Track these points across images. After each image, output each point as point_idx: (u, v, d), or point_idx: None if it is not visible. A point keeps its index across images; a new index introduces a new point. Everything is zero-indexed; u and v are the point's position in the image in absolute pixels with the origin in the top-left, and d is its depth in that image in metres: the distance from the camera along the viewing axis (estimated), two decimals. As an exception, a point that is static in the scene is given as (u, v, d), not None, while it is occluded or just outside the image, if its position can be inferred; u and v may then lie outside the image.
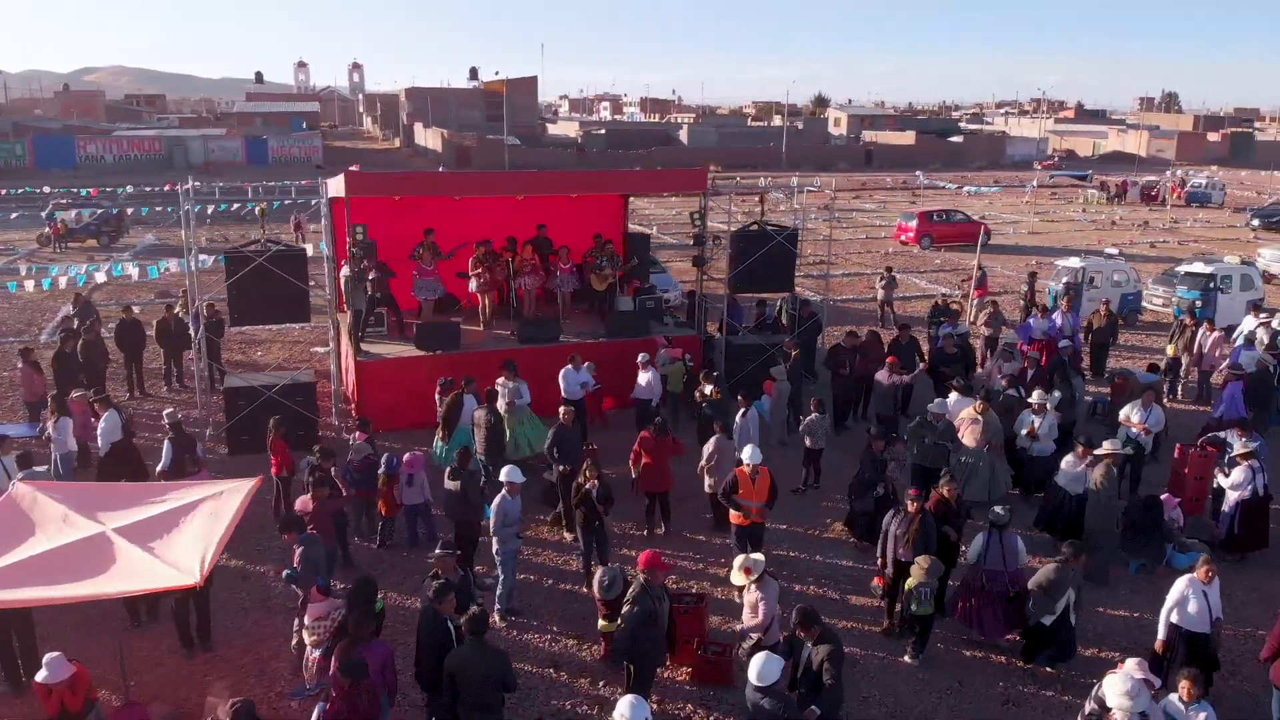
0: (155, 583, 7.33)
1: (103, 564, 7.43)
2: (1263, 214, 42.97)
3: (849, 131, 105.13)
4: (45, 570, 7.31)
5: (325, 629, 8.07)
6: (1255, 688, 9.06)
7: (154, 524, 8.02)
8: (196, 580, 7.18)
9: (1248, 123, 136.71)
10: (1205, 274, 23.09)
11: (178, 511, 8.25)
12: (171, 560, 7.43)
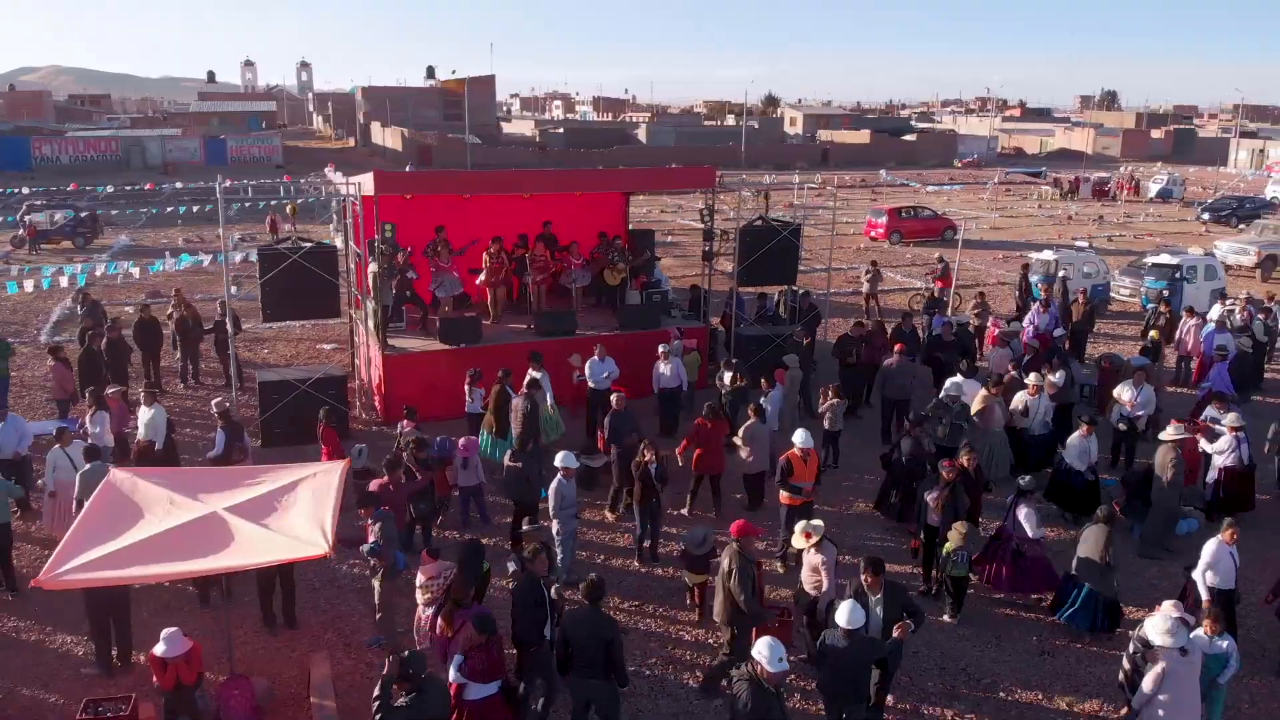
0: (287, 554, 7.83)
1: (224, 540, 7.89)
2: (1212, 208, 44.81)
3: (805, 131, 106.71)
4: (169, 548, 7.74)
5: (438, 587, 8.63)
6: (1261, 636, 9.98)
7: (260, 504, 8.48)
8: (327, 550, 7.69)
9: (1187, 120, 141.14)
10: (1172, 265, 24.37)
11: (278, 492, 8.72)
12: (293, 534, 7.94)
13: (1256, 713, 8.88)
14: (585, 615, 7.62)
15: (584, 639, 7.54)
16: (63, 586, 7.62)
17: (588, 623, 7.57)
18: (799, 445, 11.03)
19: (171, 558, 7.65)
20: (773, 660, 6.55)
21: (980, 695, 9.16)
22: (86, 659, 9.49)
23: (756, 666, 6.59)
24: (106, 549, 7.66)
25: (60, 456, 11.27)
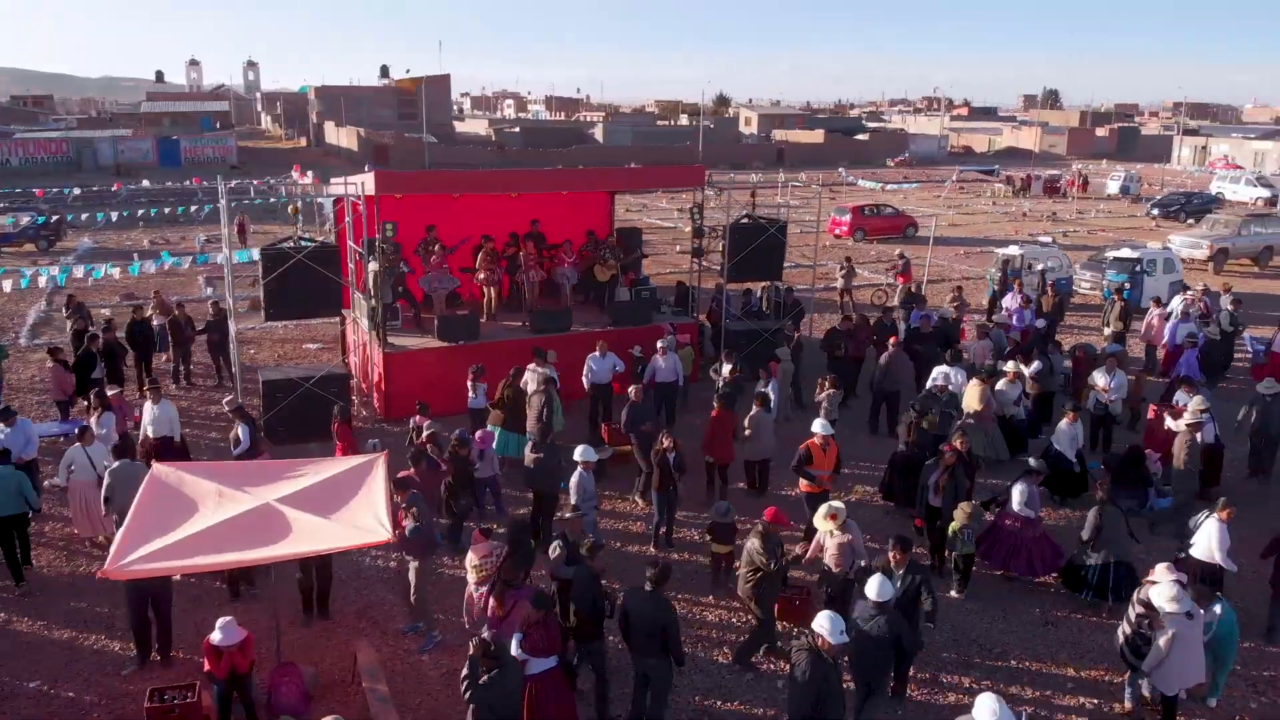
0: (351, 540, 8.13)
1: (283, 530, 8.14)
2: (1161, 204, 46.34)
3: (759, 131, 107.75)
4: (229, 538, 7.98)
5: (491, 565, 8.96)
6: (1249, 603, 10.64)
7: (309, 495, 8.73)
8: (390, 536, 7.99)
9: (1128, 118, 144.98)
10: (1133, 259, 25.35)
11: (325, 484, 8.98)
12: (352, 522, 8.22)
13: (1247, 673, 9.52)
14: (647, 598, 8.01)
15: (644, 620, 7.95)
16: (129, 576, 7.83)
17: (649, 605, 7.96)
18: (819, 434, 11.49)
19: (233, 547, 7.88)
20: (834, 632, 6.99)
21: (993, 664, 9.70)
22: (123, 655, 9.63)
23: (817, 638, 7.02)
24: (167, 540, 7.87)
25: (79, 455, 11.36)
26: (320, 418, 15.40)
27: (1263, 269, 32.07)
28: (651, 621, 7.89)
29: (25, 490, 10.81)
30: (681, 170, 23.08)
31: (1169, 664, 8.20)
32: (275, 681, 8.64)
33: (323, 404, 15.36)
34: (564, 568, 8.71)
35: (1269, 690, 9.25)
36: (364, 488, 8.92)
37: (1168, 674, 8.27)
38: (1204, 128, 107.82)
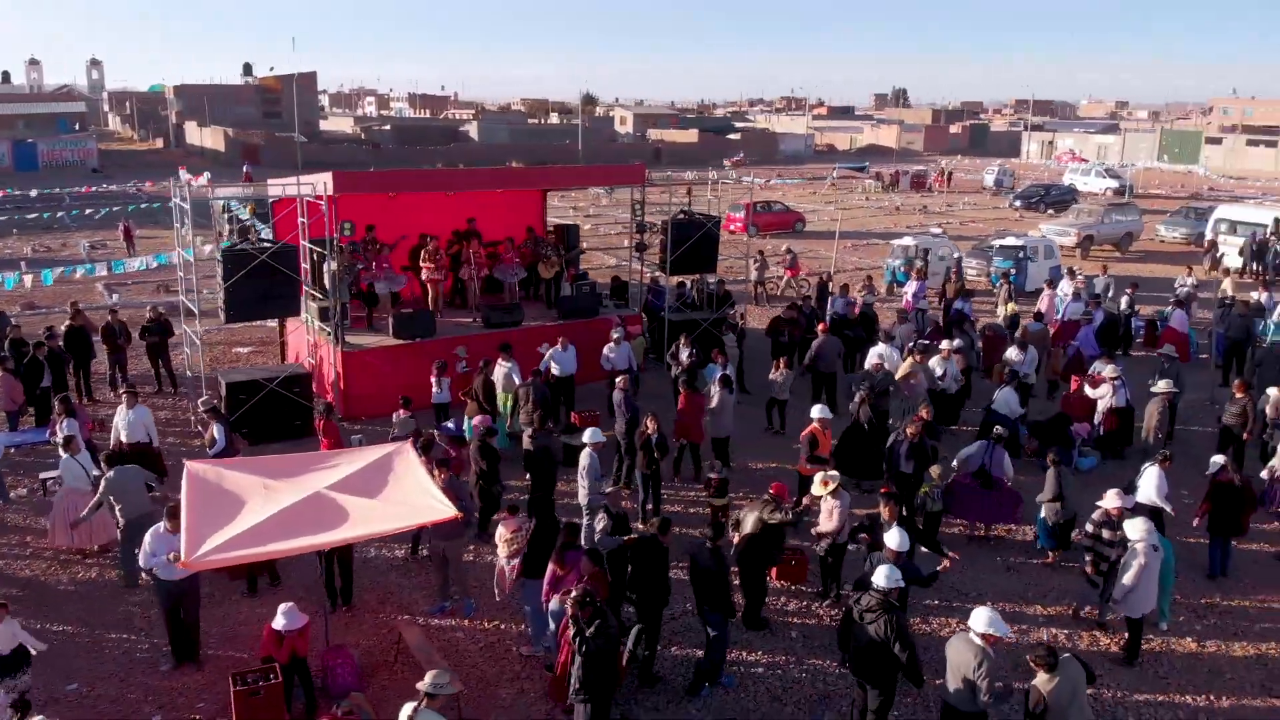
0: (417, 519, 8.55)
1: (341, 515, 8.48)
2: (1023, 196, 49.72)
3: (635, 130, 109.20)
4: (294, 525, 8.27)
5: (521, 538, 9.52)
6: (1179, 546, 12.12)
7: (355, 483, 9.06)
8: (456, 513, 8.46)
9: (975, 115, 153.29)
10: (1017, 246, 27.52)
11: (363, 472, 9.30)
12: (410, 503, 8.64)
13: (1186, 603, 10.92)
14: (709, 554, 8.84)
15: (710, 584, 8.76)
16: (208, 566, 8.06)
17: (711, 560, 8.82)
18: (819, 418, 12.38)
19: (300, 533, 8.19)
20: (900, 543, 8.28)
21: (971, 606, 10.74)
22: (150, 654, 9.72)
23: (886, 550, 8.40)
24: (233, 530, 8.12)
25: (72, 465, 11.26)
26: (283, 419, 15.54)
27: (1124, 253, 35.05)
28: (718, 581, 8.69)
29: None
30: (623, 169, 23.81)
31: (1137, 592, 9.47)
32: (329, 663, 8.97)
33: (286, 405, 15.48)
34: (608, 539, 9.35)
35: (1209, 615, 10.68)
36: (404, 472, 9.33)
37: (1135, 600, 9.54)
38: (1047, 123, 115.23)
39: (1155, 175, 72.58)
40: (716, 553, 8.84)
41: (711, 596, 8.82)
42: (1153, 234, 38.10)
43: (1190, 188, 63.47)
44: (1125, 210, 37.42)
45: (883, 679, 7.90)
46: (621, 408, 13.50)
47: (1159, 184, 65.93)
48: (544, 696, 9.00)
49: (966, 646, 7.45)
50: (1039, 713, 7.24)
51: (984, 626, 7.39)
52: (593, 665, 7.61)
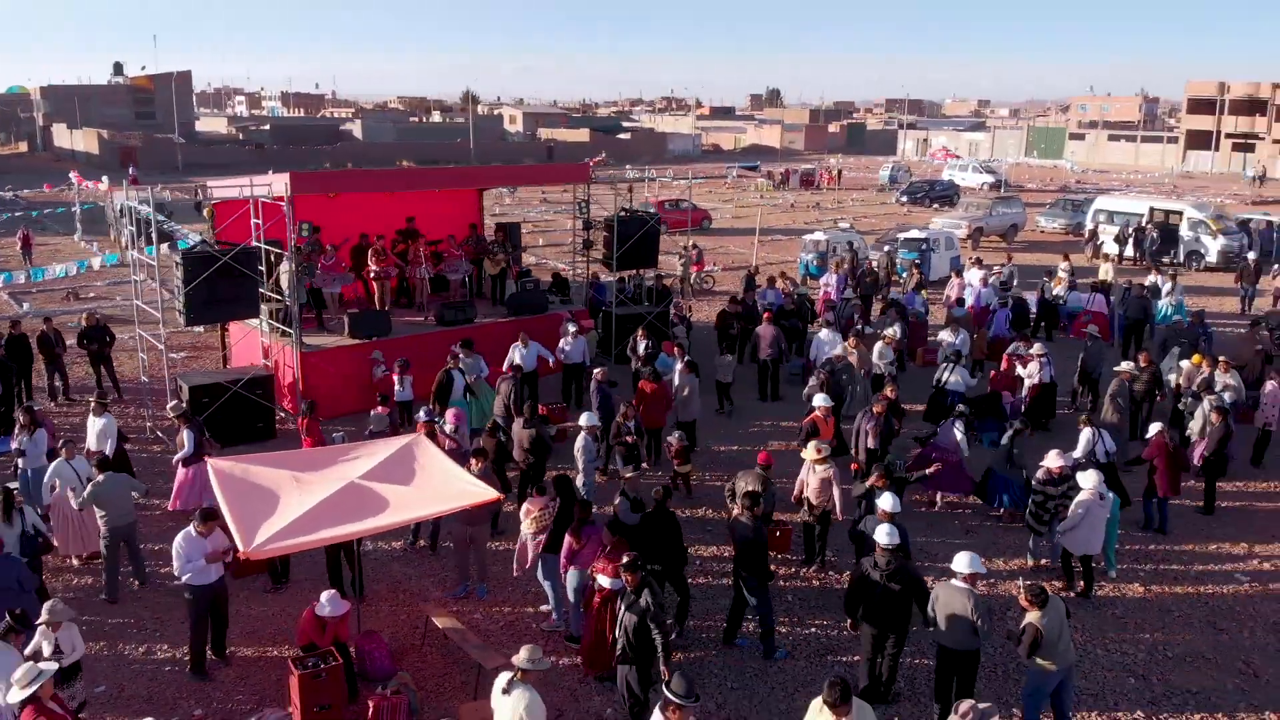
0: (462, 501, 8.91)
1: (381, 503, 8.78)
2: (908, 192, 52.16)
3: (525, 129, 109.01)
4: (340, 513, 8.53)
5: (548, 515, 9.98)
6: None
7: (384, 472, 9.33)
8: (499, 494, 8.86)
9: (848, 114, 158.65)
10: (921, 238, 29.15)
11: (386, 464, 9.56)
12: (449, 488, 9.01)
13: (1127, 553, 12.12)
14: (748, 525, 9.51)
15: (749, 545, 9.43)
16: (267, 555, 8.26)
17: (750, 530, 9.48)
18: (821, 406, 13.13)
19: (350, 519, 8.47)
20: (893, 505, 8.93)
21: (938, 567, 11.74)
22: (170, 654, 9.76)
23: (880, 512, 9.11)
24: (283, 519, 8.34)
25: (65, 470, 11.13)
26: (246, 421, 15.46)
27: (1009, 244, 37.31)
28: (755, 547, 9.38)
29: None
30: (568, 168, 24.28)
31: (1079, 530, 10.59)
32: (364, 648, 9.25)
33: (248, 407, 15.41)
34: (630, 514, 9.90)
35: (1148, 563, 11.92)
36: (429, 461, 9.67)
37: (1076, 538, 10.69)
38: (919, 121, 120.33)
39: (1025, 170, 77.01)
40: (755, 522, 9.51)
41: (751, 563, 9.46)
42: (1034, 225, 40.74)
43: (1059, 181, 67.61)
44: (1010, 204, 39.88)
45: (899, 623, 8.73)
46: (594, 397, 14.04)
47: (1029, 178, 70.03)
48: (574, 667, 9.49)
49: (955, 591, 8.30)
50: (1035, 646, 8.16)
51: (966, 568, 8.30)
52: (641, 630, 8.16)
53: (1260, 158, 73.98)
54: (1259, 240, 32.81)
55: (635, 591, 8.27)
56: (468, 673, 9.33)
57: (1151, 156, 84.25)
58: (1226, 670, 9.59)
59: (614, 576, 8.95)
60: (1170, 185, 63.14)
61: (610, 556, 9.07)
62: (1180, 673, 9.53)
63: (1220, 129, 79.34)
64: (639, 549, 9.61)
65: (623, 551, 8.97)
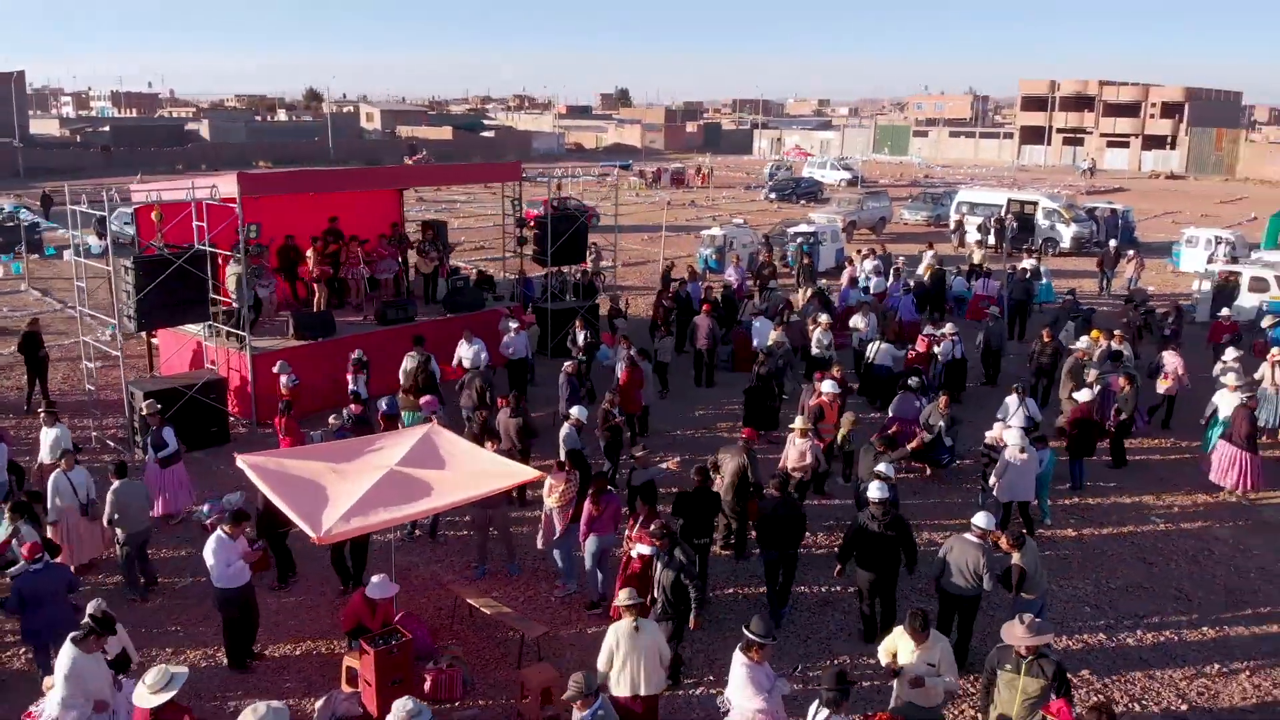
0: (506, 482, 9.44)
1: (425, 488, 9.22)
2: (776, 189, 54.38)
3: (383, 127, 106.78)
4: (391, 498, 8.94)
5: (573, 488, 10.62)
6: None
7: (412, 460, 9.76)
8: (538, 474, 9.42)
9: (699, 115, 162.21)
10: (810, 231, 30.82)
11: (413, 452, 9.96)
12: (487, 471, 9.50)
13: (1054, 505, 13.62)
14: (785, 503, 10.32)
15: (783, 520, 10.22)
16: (336, 539, 8.58)
17: (785, 508, 10.29)
18: (828, 393, 14.03)
19: (404, 502, 8.89)
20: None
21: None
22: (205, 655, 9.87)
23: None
24: (341, 505, 8.68)
25: (63, 481, 10.95)
26: (200, 426, 15.27)
27: (879, 235, 39.67)
28: (790, 521, 10.22)
29: None
30: (500, 167, 24.54)
31: (1007, 479, 11.98)
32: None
33: (202, 412, 15.22)
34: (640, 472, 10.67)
35: (1075, 512, 13.45)
36: (454, 447, 10.15)
37: (1007, 487, 12.09)
38: (770, 121, 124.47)
39: (877, 166, 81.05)
40: (790, 501, 10.45)
41: (786, 539, 10.29)
42: (899, 218, 43.37)
43: (908, 176, 71.66)
44: (878, 198, 42.36)
45: (891, 567, 9.92)
46: (563, 389, 14.67)
47: (881, 174, 73.87)
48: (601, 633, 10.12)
49: (968, 545, 9.42)
50: (1019, 582, 9.35)
51: (985, 524, 9.44)
52: (677, 586, 8.93)
53: (1089, 151, 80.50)
54: (1105, 226, 36.14)
55: (668, 551, 9.04)
56: (503, 645, 9.90)
57: (989, 151, 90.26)
58: (1164, 597, 11.12)
59: (650, 544, 9.73)
60: (1010, 178, 67.89)
61: (645, 526, 9.82)
62: (1126, 601, 10.97)
63: (1052, 124, 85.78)
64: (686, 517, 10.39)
65: (653, 520, 9.73)
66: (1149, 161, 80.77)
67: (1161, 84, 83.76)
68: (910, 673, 7.46)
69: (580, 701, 6.73)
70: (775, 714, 7.25)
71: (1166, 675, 9.56)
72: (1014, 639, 7.30)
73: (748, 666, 7.24)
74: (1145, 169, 79.94)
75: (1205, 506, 13.54)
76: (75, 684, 7.21)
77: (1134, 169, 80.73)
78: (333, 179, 24.03)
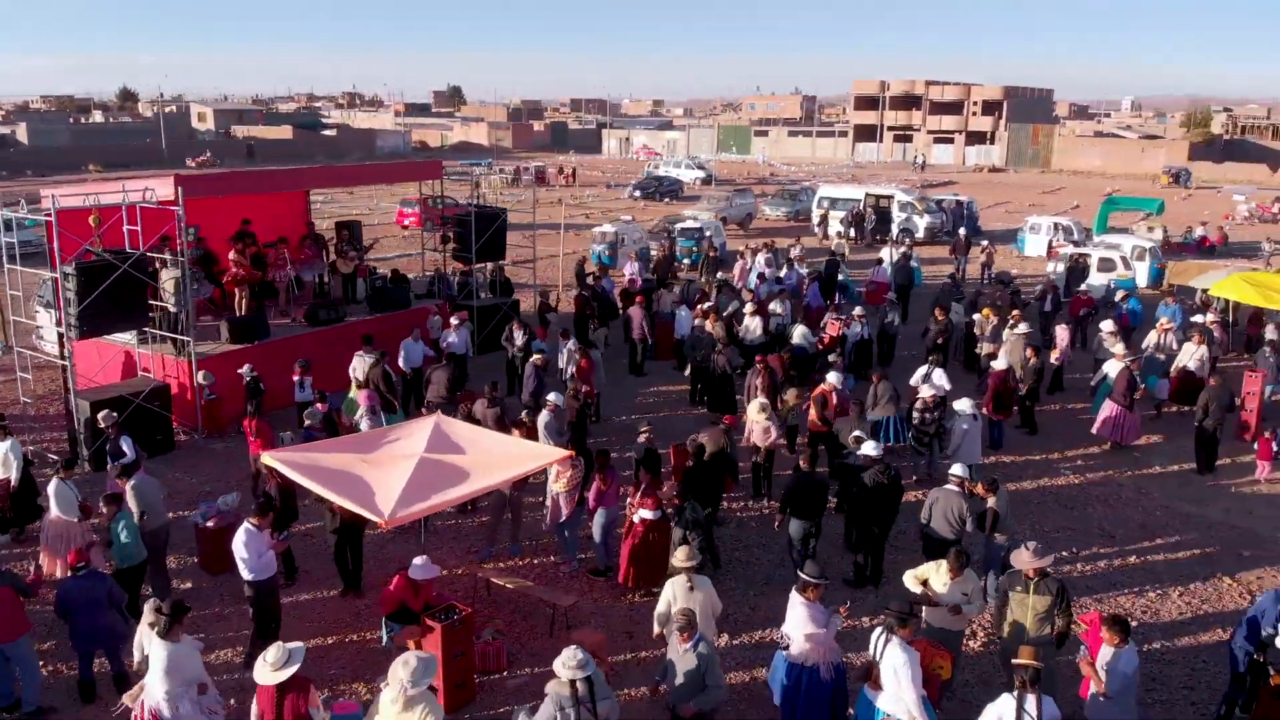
0: (538, 462, 9.98)
1: (461, 472, 9.66)
2: (640, 187, 55.71)
3: (217, 127, 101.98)
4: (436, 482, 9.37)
5: (578, 474, 11.21)
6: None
7: (440, 446, 10.16)
8: (567, 454, 10.03)
9: (539, 114, 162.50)
10: (697, 227, 32.13)
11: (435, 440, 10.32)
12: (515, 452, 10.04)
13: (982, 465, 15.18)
14: (809, 478, 11.21)
15: (808, 492, 11.13)
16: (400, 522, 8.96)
17: (809, 480, 11.23)
18: (832, 381, 14.81)
19: (450, 485, 9.34)
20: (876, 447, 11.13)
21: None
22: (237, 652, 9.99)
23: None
24: (392, 490, 9.06)
25: (64, 489, 10.73)
26: (145, 434, 14.93)
27: (746, 230, 41.48)
28: (816, 492, 11.19)
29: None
30: (421, 165, 24.43)
31: (965, 447, 13.40)
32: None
33: (148, 419, 14.91)
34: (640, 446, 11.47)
35: (996, 470, 14.98)
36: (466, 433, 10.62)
37: (964, 453, 13.47)
38: (615, 121, 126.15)
39: (724, 165, 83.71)
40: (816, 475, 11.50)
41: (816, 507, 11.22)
42: (762, 213, 45.41)
43: (756, 174, 74.52)
44: (744, 195, 44.36)
45: (888, 516, 11.13)
46: (530, 380, 15.22)
47: (729, 172, 76.45)
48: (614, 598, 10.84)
49: (950, 494, 10.67)
50: (994, 522, 10.66)
51: (962, 473, 10.73)
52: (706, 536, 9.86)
53: (918, 147, 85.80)
54: (951, 217, 39.14)
55: (679, 510, 9.89)
56: (528, 618, 10.46)
57: (826, 150, 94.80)
58: (1090, 535, 12.75)
59: (654, 509, 10.53)
60: (850, 174, 71.71)
61: (648, 493, 10.60)
62: (1061, 541, 12.47)
63: (883, 123, 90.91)
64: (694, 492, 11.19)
65: (655, 489, 10.53)
66: (972, 156, 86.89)
67: (982, 84, 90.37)
68: (949, 601, 8.57)
69: (684, 634, 7.47)
70: (830, 644, 8.20)
71: (1113, 599, 11.09)
72: (1022, 564, 8.51)
73: (806, 605, 8.14)
74: (969, 163, 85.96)
75: (1104, 459, 15.40)
76: (175, 675, 7.38)
77: (959, 163, 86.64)
78: (270, 179, 23.55)
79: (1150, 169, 73.45)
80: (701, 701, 7.53)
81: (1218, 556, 12.14)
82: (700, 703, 7.53)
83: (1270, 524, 13.07)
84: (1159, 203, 37.99)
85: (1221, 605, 11.03)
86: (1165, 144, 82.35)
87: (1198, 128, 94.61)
